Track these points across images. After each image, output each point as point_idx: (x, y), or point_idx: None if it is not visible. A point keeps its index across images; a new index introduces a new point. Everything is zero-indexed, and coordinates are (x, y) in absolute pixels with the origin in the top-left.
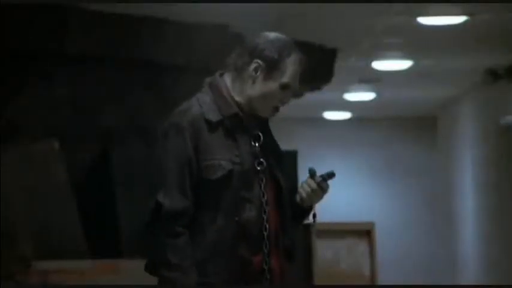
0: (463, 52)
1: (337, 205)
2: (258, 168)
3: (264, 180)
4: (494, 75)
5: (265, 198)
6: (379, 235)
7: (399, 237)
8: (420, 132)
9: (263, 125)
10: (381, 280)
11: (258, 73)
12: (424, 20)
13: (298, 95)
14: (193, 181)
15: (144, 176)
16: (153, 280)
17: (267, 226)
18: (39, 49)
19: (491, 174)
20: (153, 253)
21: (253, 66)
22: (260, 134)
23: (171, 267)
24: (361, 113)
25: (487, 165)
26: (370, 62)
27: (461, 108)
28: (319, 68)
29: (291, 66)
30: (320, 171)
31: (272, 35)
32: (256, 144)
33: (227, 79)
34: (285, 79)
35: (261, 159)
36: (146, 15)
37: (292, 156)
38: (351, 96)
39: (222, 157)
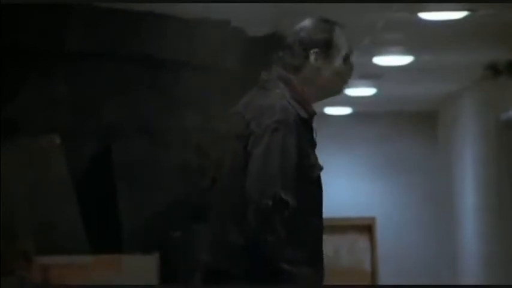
0: (463, 48)
1: (337, 200)
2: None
3: None
4: (494, 70)
5: None
6: (380, 230)
7: (400, 232)
8: (421, 128)
9: None
10: (382, 276)
11: (319, 60)
12: (425, 16)
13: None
14: (298, 180)
15: (145, 172)
16: (152, 275)
17: None
18: (39, 46)
19: (491, 169)
20: (274, 250)
21: (312, 57)
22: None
23: (296, 263)
24: (361, 108)
25: (488, 161)
26: (371, 58)
27: (461, 104)
28: None
29: (340, 39)
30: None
31: (305, 21)
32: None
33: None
34: (343, 51)
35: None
36: (147, 11)
37: None
38: (352, 92)
39: (315, 156)
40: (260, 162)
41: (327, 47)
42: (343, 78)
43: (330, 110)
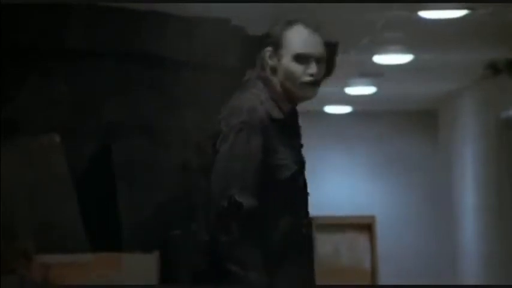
0: (463, 46)
1: (337, 199)
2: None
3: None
4: (494, 69)
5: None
6: (380, 229)
7: (400, 231)
8: (421, 127)
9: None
10: (382, 275)
11: (273, 59)
12: (425, 14)
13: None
14: (262, 182)
15: (145, 172)
16: (152, 274)
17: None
18: (39, 46)
19: (491, 169)
20: (226, 252)
21: (266, 55)
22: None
23: (247, 267)
24: (361, 107)
25: (488, 160)
26: (371, 56)
27: (461, 103)
28: None
29: (294, 36)
30: (320, 165)
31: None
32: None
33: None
34: (293, 50)
35: (303, 158)
36: (147, 10)
37: None
38: (352, 90)
39: (287, 156)
40: (221, 163)
41: (276, 46)
42: (296, 79)
43: (330, 109)
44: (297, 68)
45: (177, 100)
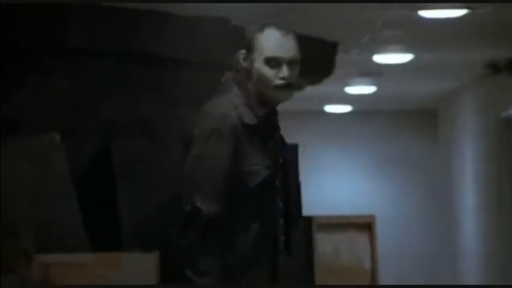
0: (463, 45)
1: (337, 198)
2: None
3: (280, 180)
4: (494, 68)
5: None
6: (379, 228)
7: (400, 230)
8: (421, 126)
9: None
10: (382, 274)
11: (247, 62)
12: (425, 14)
13: (300, 87)
14: (230, 188)
15: (145, 172)
16: (152, 274)
17: (282, 233)
18: (39, 46)
19: (491, 168)
20: (184, 256)
21: (240, 58)
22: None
23: (201, 273)
24: (361, 106)
25: (488, 159)
26: (371, 55)
27: (461, 102)
28: (319, 61)
29: (265, 40)
30: (320, 164)
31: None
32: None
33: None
34: (264, 54)
35: (280, 160)
36: (147, 9)
37: (293, 149)
38: (352, 90)
39: (259, 162)
40: (189, 168)
41: (249, 49)
42: (269, 82)
43: (330, 108)
44: (268, 71)
45: (177, 100)
